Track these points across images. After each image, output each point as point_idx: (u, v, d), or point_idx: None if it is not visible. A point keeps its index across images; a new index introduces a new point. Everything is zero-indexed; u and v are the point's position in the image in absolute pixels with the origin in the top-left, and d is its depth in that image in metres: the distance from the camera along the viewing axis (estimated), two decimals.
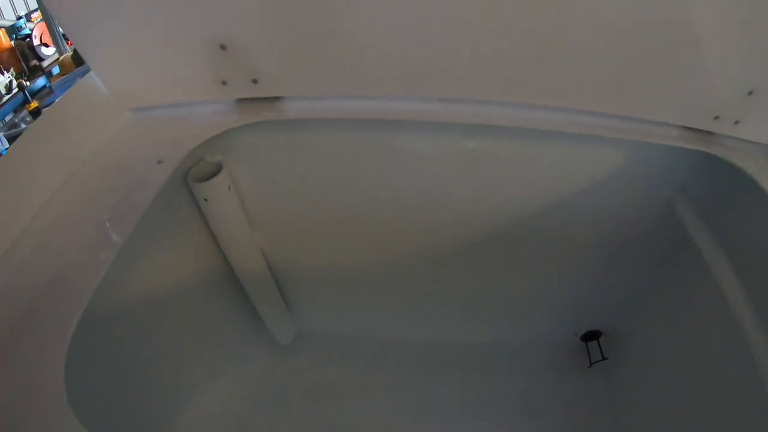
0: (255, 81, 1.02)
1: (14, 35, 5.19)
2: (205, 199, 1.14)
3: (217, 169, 1.14)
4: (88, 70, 1.07)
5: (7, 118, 4.59)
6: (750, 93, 0.93)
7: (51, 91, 4.91)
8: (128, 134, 1.07)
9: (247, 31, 0.89)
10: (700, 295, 1.22)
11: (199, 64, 0.97)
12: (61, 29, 5.00)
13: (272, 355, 1.80)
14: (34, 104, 4.59)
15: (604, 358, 1.67)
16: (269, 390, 1.70)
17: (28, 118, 4.63)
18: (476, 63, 0.89)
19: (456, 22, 0.83)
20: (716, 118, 0.98)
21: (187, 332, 1.34)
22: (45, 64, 5.22)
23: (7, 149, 3.95)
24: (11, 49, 5.09)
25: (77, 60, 5.12)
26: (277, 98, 1.07)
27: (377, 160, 1.17)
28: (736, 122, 0.99)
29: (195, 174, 1.11)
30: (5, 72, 4.79)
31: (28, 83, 4.76)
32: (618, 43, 0.87)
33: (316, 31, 0.87)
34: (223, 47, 0.91)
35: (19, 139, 0.95)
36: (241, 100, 1.09)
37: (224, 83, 1.02)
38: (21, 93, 4.67)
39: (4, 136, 4.13)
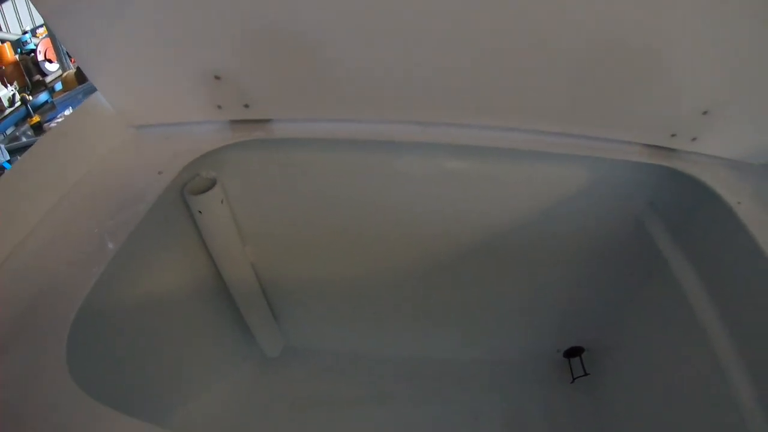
0: (246, 105, 1.14)
1: (19, 49, 5.36)
2: (200, 212, 1.22)
3: (211, 184, 1.24)
4: (90, 88, 1.17)
5: (9, 131, 4.71)
6: (705, 113, 1.02)
7: (53, 106, 5.04)
8: (132, 147, 1.17)
9: (238, 64, 1.00)
10: (673, 310, 1.28)
11: (197, 91, 1.08)
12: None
13: (261, 367, 1.85)
14: (36, 119, 4.71)
15: (586, 374, 1.72)
16: (256, 402, 1.75)
17: (29, 132, 4.74)
18: (450, 90, 1.00)
19: (430, 54, 0.93)
20: (673, 135, 1.08)
21: (177, 342, 1.40)
22: (48, 79, 5.37)
23: (8, 161, 4.06)
24: (15, 63, 5.25)
25: (80, 77, 5.27)
26: (267, 120, 1.18)
27: (360, 178, 1.26)
28: (694, 139, 1.09)
29: (191, 188, 1.20)
30: (9, 85, 4.92)
31: (30, 98, 4.89)
32: (580, 70, 0.96)
33: (299, 63, 0.98)
34: (217, 77, 1.02)
35: (28, 150, 1.04)
36: (235, 122, 1.20)
37: (219, 107, 1.13)
38: (23, 107, 4.79)
39: (5, 148, 4.24)
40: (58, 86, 5.40)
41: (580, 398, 1.75)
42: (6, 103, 4.76)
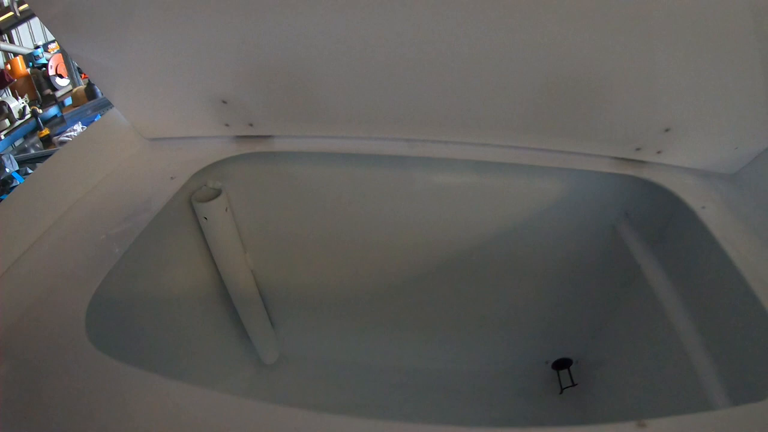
0: (251, 124, 1.29)
1: (31, 63, 5.56)
2: (205, 218, 1.34)
3: (216, 194, 1.36)
4: (98, 104, 1.29)
5: (17, 143, 4.86)
6: (667, 130, 1.13)
7: (62, 120, 5.21)
8: (146, 156, 1.31)
9: (242, 91, 1.15)
10: (652, 318, 1.34)
11: (207, 112, 1.23)
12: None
13: (257, 373, 1.93)
14: (45, 131, 4.88)
15: (573, 384, 1.79)
16: None
17: (38, 144, 4.91)
18: (430, 112, 1.13)
19: (409, 82, 1.06)
20: (638, 149, 1.18)
21: (176, 343, 1.48)
22: (58, 94, 5.56)
23: (17, 171, 4.20)
24: (27, 77, 5.45)
25: (90, 93, 5.47)
26: (269, 136, 1.32)
27: (354, 189, 1.39)
28: (659, 152, 1.18)
29: (198, 196, 1.33)
30: (20, 98, 5.09)
31: (41, 111, 5.06)
32: (546, 93, 1.07)
33: (296, 90, 1.12)
34: (224, 102, 1.16)
35: (51, 156, 1.15)
36: (240, 137, 1.33)
37: (226, 125, 1.27)
38: (33, 119, 4.96)
39: (14, 158, 4.38)
40: (68, 101, 5.59)
41: (569, 409, 1.81)
42: (16, 115, 4.92)
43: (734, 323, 1.04)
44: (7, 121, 4.82)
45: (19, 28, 5.98)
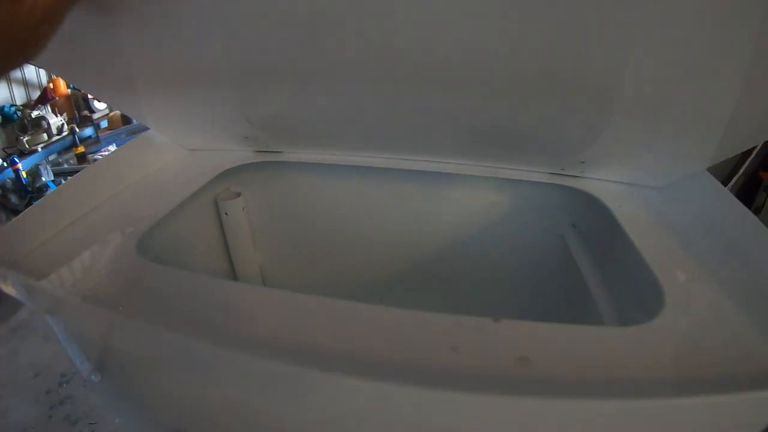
0: (267, 142, 1.67)
1: (71, 85, 6.15)
2: (226, 214, 1.70)
3: (237, 196, 1.72)
4: (134, 129, 1.65)
5: (52, 157, 5.37)
6: (582, 162, 1.41)
7: (98, 140, 5.76)
8: (183, 160, 1.68)
9: (263, 114, 1.47)
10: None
11: (233, 129, 1.58)
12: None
13: None
14: (81, 149, 5.40)
15: None
16: None
17: (72, 160, 5.42)
18: (397, 138, 1.50)
19: (400, 112, 1.41)
20: (563, 168, 1.46)
21: None
22: (95, 116, 6.13)
23: (52, 181, 4.67)
24: (67, 97, 6.05)
25: (125, 118, 6.03)
26: (281, 152, 1.72)
27: (351, 197, 1.74)
28: (582, 171, 1.44)
29: (222, 196, 1.70)
30: (59, 115, 5.65)
31: (78, 130, 5.60)
32: (475, 126, 1.36)
33: (308, 117, 1.46)
34: (248, 120, 1.52)
35: (107, 154, 1.53)
36: (259, 152, 1.72)
37: (246, 138, 1.64)
38: (71, 136, 5.49)
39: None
40: (104, 124, 6.17)
41: None
42: (55, 131, 5.45)
43: (626, 277, 1.22)
44: (45, 135, 5.35)
45: None
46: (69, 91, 6.07)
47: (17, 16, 0.69)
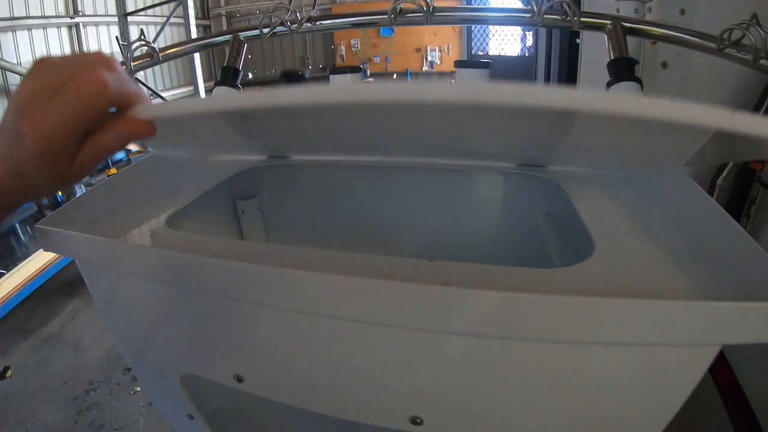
0: (278, 151, 1.96)
1: None
2: (243, 212, 1.98)
3: (252, 196, 2.00)
4: None
5: (85, 179, 5.84)
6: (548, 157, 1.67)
7: (129, 163, 6.23)
8: (209, 164, 1.97)
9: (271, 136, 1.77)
10: None
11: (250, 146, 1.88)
12: None
13: None
14: (113, 170, 5.87)
15: None
16: None
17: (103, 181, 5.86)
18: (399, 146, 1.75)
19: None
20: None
21: None
22: None
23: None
24: None
25: None
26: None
27: (354, 193, 2.01)
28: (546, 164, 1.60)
29: (239, 196, 1.98)
30: None
31: None
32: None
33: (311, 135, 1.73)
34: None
35: (145, 157, 1.84)
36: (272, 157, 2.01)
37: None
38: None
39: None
40: (134, 149, 6.66)
41: None
42: None
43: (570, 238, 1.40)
44: None
45: None
46: None
47: None
